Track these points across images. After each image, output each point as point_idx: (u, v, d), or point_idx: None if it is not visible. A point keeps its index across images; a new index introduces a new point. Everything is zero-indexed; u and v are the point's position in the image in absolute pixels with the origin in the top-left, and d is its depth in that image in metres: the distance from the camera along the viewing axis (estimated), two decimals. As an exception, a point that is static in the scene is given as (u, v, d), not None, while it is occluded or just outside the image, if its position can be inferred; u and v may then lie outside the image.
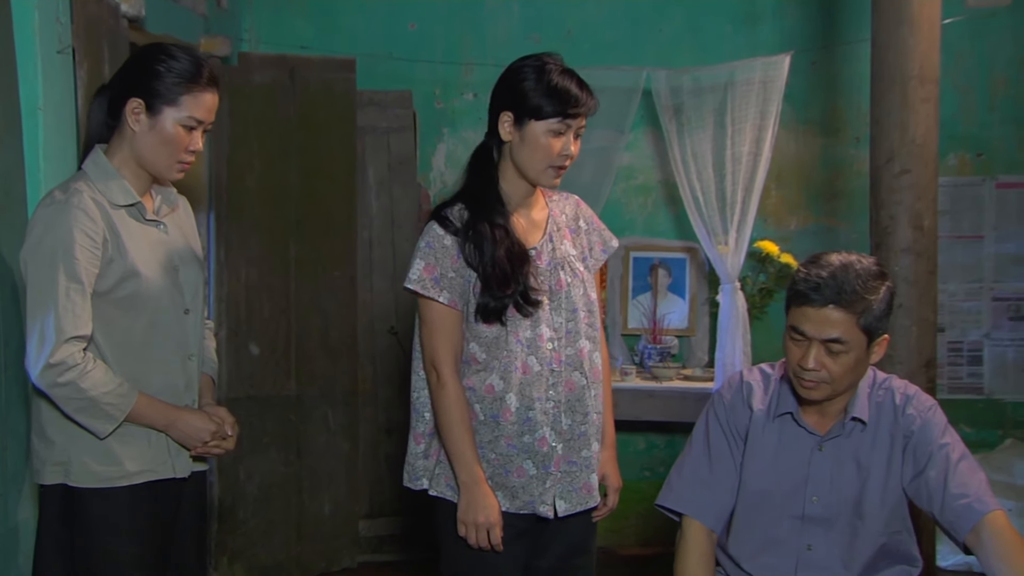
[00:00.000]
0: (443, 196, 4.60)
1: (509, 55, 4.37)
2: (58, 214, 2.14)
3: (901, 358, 3.20)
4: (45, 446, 2.21)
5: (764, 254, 4.31)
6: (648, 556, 4.38)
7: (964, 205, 4.59)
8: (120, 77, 2.28)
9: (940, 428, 2.11)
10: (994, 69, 4.56)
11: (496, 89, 2.39)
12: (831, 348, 2.02)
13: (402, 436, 4.28)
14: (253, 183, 4.04)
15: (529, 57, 2.38)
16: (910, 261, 3.19)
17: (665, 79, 4.26)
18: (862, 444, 2.14)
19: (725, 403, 2.27)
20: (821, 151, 4.63)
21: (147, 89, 2.21)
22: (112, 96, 2.26)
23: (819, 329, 2.01)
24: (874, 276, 2.04)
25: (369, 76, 4.32)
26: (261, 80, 4.07)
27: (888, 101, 3.22)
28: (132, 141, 2.24)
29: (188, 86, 2.22)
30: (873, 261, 2.09)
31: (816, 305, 2.00)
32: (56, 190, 2.21)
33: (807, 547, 2.15)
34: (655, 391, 4.15)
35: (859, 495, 2.13)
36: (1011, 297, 4.60)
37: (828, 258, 2.07)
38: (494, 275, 2.30)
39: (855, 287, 2.00)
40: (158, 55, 2.24)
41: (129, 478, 2.23)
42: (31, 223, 2.17)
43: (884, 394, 2.17)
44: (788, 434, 2.19)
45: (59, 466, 2.20)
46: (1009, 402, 4.60)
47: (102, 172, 2.24)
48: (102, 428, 2.17)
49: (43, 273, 2.11)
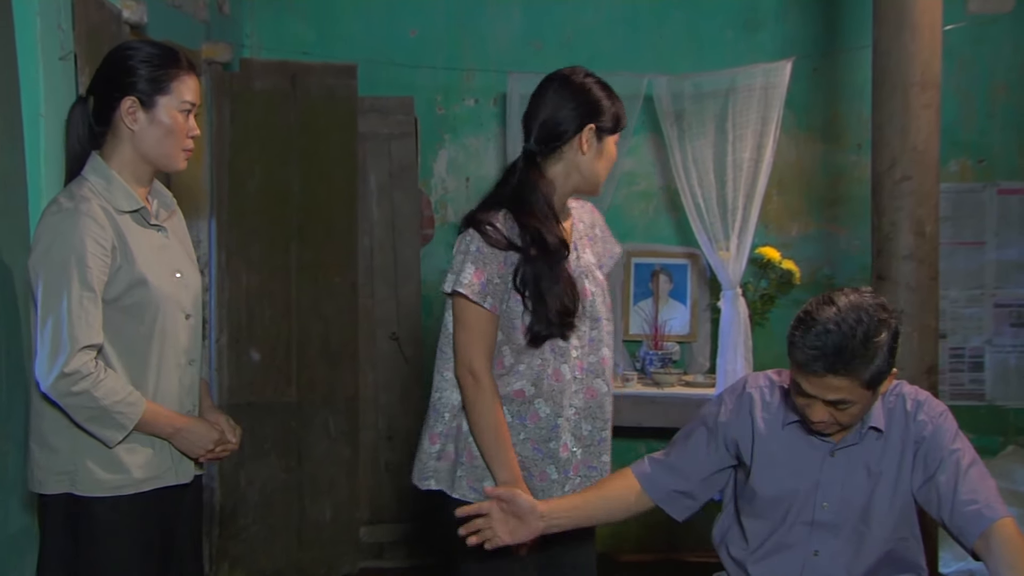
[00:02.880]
0: (444, 202, 4.67)
1: (510, 62, 4.50)
2: (68, 222, 2.13)
3: (903, 364, 3.16)
4: (47, 455, 2.20)
5: (766, 260, 4.31)
6: (647, 562, 4.36)
7: (965, 211, 4.59)
8: (102, 82, 2.26)
9: (951, 434, 2.10)
10: (995, 75, 4.55)
11: (560, 104, 2.40)
12: (837, 406, 2.01)
13: (402, 442, 4.31)
14: (254, 189, 4.04)
15: (578, 70, 2.45)
16: (912, 267, 3.18)
17: (666, 85, 4.26)
18: (873, 450, 2.13)
19: (723, 409, 2.26)
20: (822, 157, 4.63)
21: (135, 86, 2.21)
22: (98, 103, 2.25)
23: (822, 392, 1.99)
24: (874, 331, 1.94)
25: (370, 82, 4.32)
26: (262, 86, 4.07)
27: (889, 107, 3.21)
28: (133, 141, 2.24)
29: (173, 72, 2.24)
30: (872, 304, 1.98)
31: (817, 374, 1.96)
32: (61, 197, 2.20)
33: (814, 553, 2.14)
34: (656, 397, 4.14)
35: (868, 501, 2.12)
36: (1013, 303, 4.60)
37: (823, 315, 1.94)
38: (554, 307, 2.32)
39: (855, 353, 1.92)
40: (131, 52, 2.25)
41: (136, 486, 2.22)
42: (39, 231, 2.16)
43: (895, 400, 2.15)
44: (800, 441, 2.17)
45: (64, 475, 2.18)
46: (1011, 408, 4.59)
47: (104, 178, 2.23)
48: (112, 437, 2.17)
49: (55, 282, 2.10)
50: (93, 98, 2.27)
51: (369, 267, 4.38)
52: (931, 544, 3.13)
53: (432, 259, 4.62)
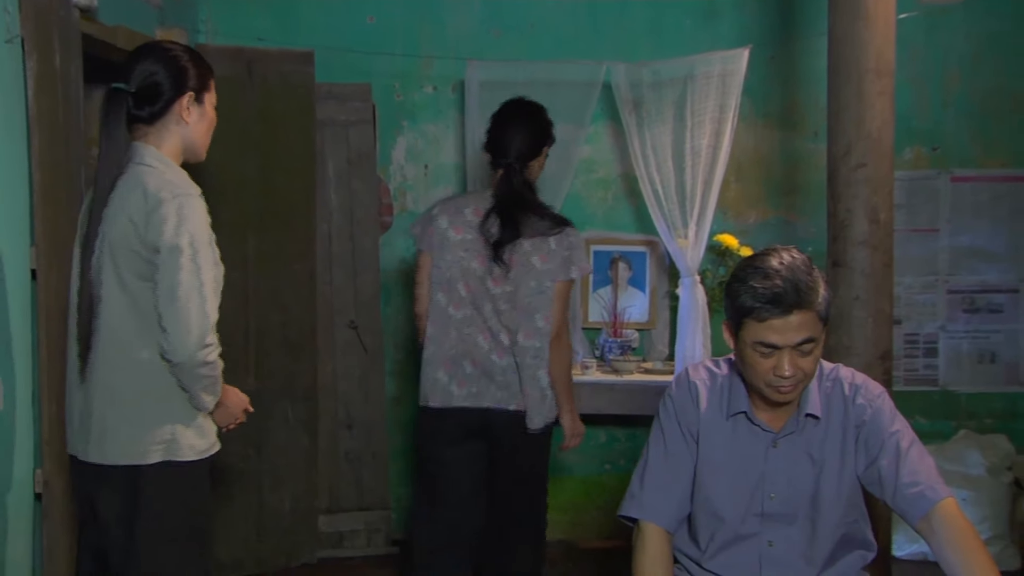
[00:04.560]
0: (403, 190, 4.64)
1: (469, 49, 4.49)
2: (193, 206, 2.32)
3: (858, 350, 3.22)
4: (146, 428, 2.33)
5: (723, 247, 4.33)
6: (609, 549, 4.38)
7: (920, 199, 4.64)
8: (162, 79, 2.40)
9: (890, 416, 2.13)
10: (948, 64, 4.60)
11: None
12: (803, 349, 2.02)
13: (362, 431, 4.29)
14: (210, 177, 3.97)
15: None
16: (866, 254, 3.21)
17: (625, 73, 4.26)
18: (814, 438, 2.15)
19: (676, 403, 2.25)
20: (780, 145, 4.66)
21: (191, 84, 2.45)
22: (153, 98, 2.39)
23: (789, 336, 2.00)
24: (810, 265, 2.06)
25: (328, 69, 4.28)
26: (218, 73, 3.93)
27: (845, 95, 3.25)
28: (182, 133, 2.45)
29: (211, 72, 2.53)
30: (797, 251, 2.10)
31: (781, 315, 1.99)
32: (169, 180, 2.33)
33: (768, 543, 2.16)
34: (616, 384, 4.14)
35: (815, 489, 2.14)
36: (965, 290, 4.66)
37: (769, 264, 2.03)
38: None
39: (809, 285, 2.00)
40: (182, 52, 2.47)
41: (211, 448, 2.45)
42: (166, 212, 2.27)
43: (832, 385, 2.17)
44: (742, 432, 2.18)
45: (162, 444, 2.33)
46: (963, 393, 4.64)
47: (166, 165, 2.39)
48: (212, 404, 2.42)
49: (191, 262, 2.29)
50: (143, 92, 2.38)
51: (327, 255, 4.34)
52: (885, 526, 3.17)
53: (391, 247, 4.60)
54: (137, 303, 2.31)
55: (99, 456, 2.33)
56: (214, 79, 2.54)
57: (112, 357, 2.33)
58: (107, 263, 2.32)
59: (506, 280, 3.13)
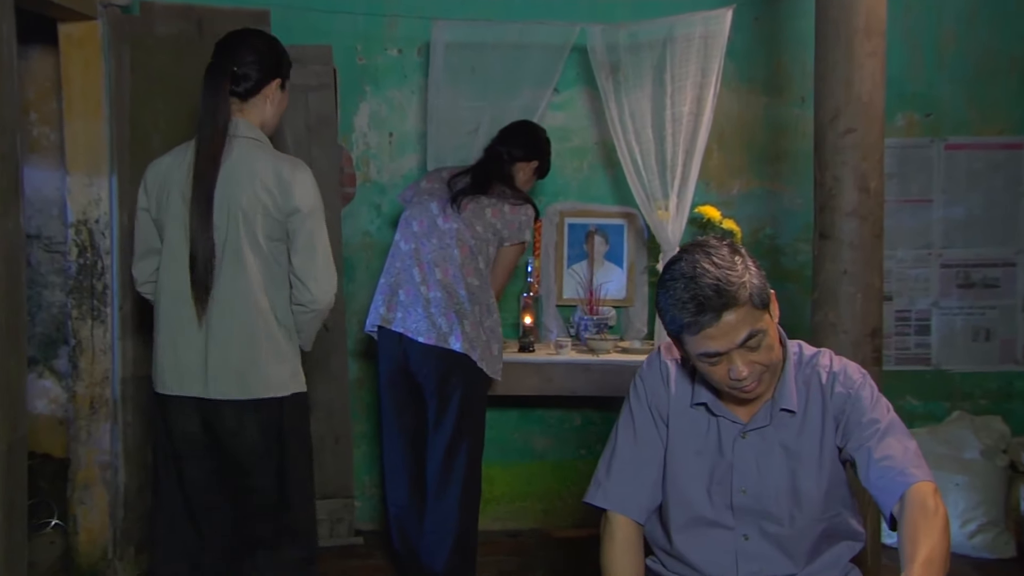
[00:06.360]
0: (366, 159, 4.40)
1: (435, 8, 4.22)
2: (309, 173, 2.76)
3: (846, 327, 3.10)
4: (286, 364, 2.74)
5: (705, 220, 4.11)
6: (583, 538, 4.21)
7: (912, 168, 4.44)
8: (265, 63, 2.78)
9: (869, 402, 2.03)
10: (943, 24, 4.39)
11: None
12: (750, 345, 1.92)
13: (322, 411, 4.03)
14: (159, 144, 3.74)
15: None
16: (855, 225, 3.08)
17: (600, 35, 4.04)
18: (789, 430, 2.06)
19: (647, 384, 2.17)
20: (765, 111, 4.45)
21: (283, 70, 2.85)
22: (253, 79, 2.76)
23: (731, 339, 1.90)
24: (723, 255, 1.93)
25: (285, 29, 3.97)
26: (166, 32, 3.81)
27: (833, 56, 3.12)
28: (266, 112, 2.81)
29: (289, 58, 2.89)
30: (704, 239, 2.00)
31: (713, 321, 1.87)
32: (286, 155, 2.79)
33: (744, 537, 2.07)
34: (591, 364, 3.94)
35: (792, 483, 2.05)
36: (960, 264, 4.47)
37: (684, 272, 1.91)
38: None
39: (729, 279, 1.88)
40: (275, 40, 2.87)
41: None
42: (301, 180, 2.71)
43: (810, 373, 2.08)
44: (709, 421, 2.11)
45: (296, 376, 2.77)
46: (957, 373, 4.48)
47: (263, 140, 2.77)
48: (311, 343, 2.87)
49: (321, 223, 2.74)
50: (244, 72, 2.74)
51: (285, 228, 4.11)
52: (874, 513, 3.06)
53: (354, 219, 4.37)
54: (267, 259, 2.67)
55: (239, 392, 2.66)
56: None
57: (240, 307, 2.66)
58: (234, 225, 2.64)
59: (456, 218, 3.51)
